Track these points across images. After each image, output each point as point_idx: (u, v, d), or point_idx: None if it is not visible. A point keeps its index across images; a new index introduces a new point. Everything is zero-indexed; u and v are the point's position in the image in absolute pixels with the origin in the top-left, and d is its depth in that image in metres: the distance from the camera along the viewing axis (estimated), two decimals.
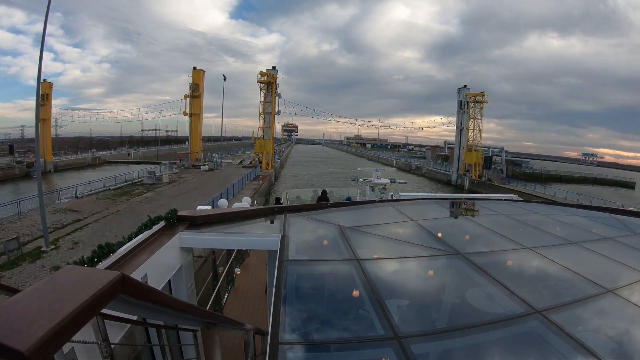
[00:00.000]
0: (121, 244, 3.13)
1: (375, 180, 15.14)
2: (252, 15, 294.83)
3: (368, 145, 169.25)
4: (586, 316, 2.50)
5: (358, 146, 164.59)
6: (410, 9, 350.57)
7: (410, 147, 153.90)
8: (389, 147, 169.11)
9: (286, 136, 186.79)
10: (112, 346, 1.76)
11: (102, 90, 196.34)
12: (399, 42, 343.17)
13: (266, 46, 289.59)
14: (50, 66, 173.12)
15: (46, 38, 13.58)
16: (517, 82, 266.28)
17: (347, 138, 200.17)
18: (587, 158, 72.35)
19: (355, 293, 2.59)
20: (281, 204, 11.24)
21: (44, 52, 13.25)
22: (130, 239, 3.35)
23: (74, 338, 0.70)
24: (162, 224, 3.84)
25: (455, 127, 49.15)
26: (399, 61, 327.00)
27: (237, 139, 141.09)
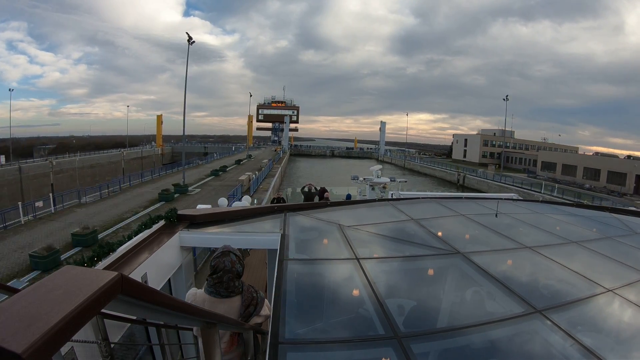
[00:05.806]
0: (121, 243, 3.13)
1: (375, 179, 15.14)
2: (200, 14, 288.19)
3: None
4: (586, 316, 2.50)
5: None
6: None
7: None
8: None
9: (270, 134, 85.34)
10: (112, 345, 1.76)
11: (85, 91, 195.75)
12: (356, 35, 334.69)
13: (223, 44, 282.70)
14: (28, 69, 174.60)
15: (17, 44, 13.46)
16: (488, 73, 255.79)
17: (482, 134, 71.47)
18: None
19: (355, 292, 2.59)
20: (284, 200, 11.20)
21: (22, 56, 12.94)
22: (130, 238, 3.35)
23: (73, 337, 0.70)
24: (161, 223, 3.83)
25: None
26: (364, 55, 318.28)
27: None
